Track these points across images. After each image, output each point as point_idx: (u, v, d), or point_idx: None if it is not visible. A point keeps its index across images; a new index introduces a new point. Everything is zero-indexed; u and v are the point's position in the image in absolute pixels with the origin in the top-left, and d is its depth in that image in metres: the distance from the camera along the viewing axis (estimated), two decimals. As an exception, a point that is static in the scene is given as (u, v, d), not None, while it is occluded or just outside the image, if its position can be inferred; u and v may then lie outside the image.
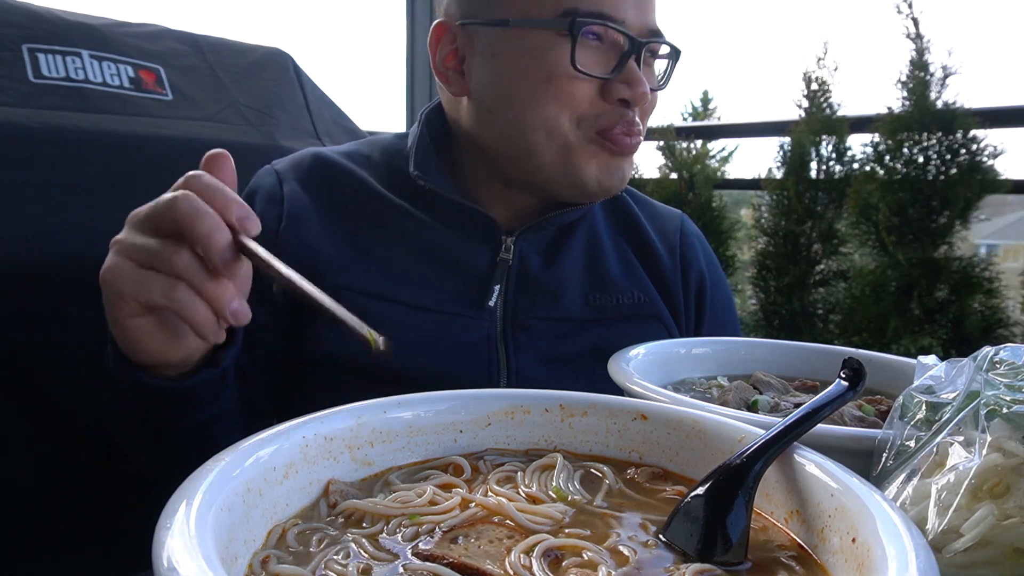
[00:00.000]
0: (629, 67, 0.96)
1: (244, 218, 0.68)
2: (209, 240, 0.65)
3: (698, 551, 0.50)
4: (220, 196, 0.68)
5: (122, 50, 1.27)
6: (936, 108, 2.31)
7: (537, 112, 0.97)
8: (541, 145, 0.99)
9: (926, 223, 2.32)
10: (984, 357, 0.60)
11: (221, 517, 0.45)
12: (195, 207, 0.66)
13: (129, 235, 0.70)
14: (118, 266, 0.69)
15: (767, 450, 0.54)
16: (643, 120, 1.02)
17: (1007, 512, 0.50)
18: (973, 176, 2.27)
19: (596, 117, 0.97)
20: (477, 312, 1.02)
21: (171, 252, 0.67)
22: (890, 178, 2.39)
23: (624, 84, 0.96)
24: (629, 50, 0.96)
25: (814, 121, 2.67)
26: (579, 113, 0.97)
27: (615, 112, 0.97)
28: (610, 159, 1.00)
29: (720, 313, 1.20)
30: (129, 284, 0.69)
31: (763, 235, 2.81)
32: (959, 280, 2.28)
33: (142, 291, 0.68)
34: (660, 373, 0.92)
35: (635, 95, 0.96)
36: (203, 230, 0.65)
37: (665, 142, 3.10)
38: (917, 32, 2.37)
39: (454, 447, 0.65)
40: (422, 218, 1.04)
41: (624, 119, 0.97)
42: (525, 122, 0.99)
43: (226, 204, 0.67)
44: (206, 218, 0.66)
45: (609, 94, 0.97)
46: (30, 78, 1.15)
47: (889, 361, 0.94)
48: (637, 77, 0.96)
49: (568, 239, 1.10)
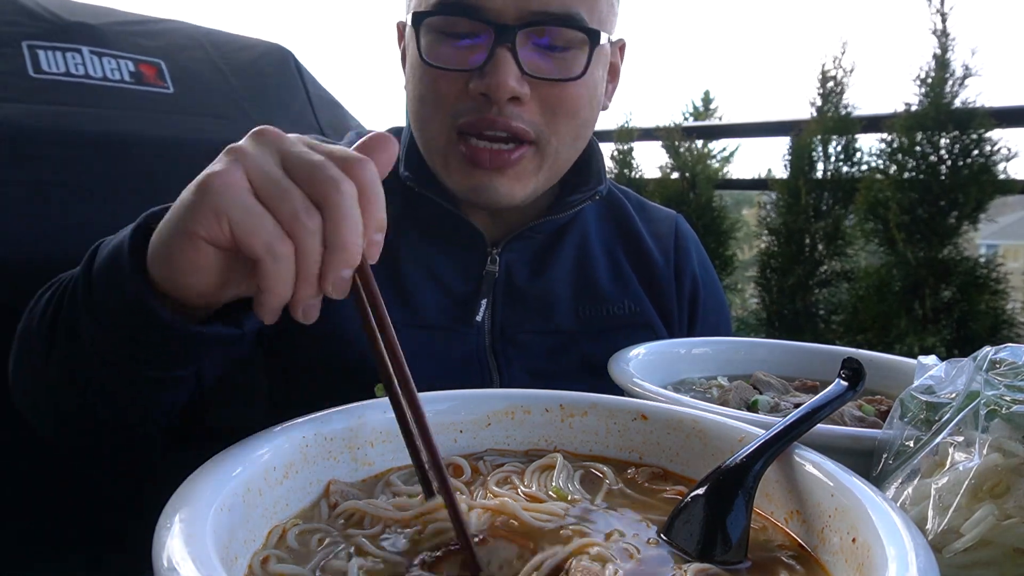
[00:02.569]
0: (491, 57, 0.87)
1: (377, 244, 0.58)
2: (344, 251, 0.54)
3: (698, 551, 0.50)
4: (373, 206, 0.56)
5: (122, 45, 1.27)
6: (953, 107, 2.30)
7: (415, 108, 0.96)
8: (424, 143, 0.98)
9: (935, 223, 2.32)
10: (984, 357, 0.60)
11: (221, 517, 0.45)
12: (350, 207, 0.54)
13: (259, 152, 0.56)
14: (233, 179, 0.54)
15: (767, 450, 0.54)
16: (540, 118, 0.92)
17: (1007, 512, 0.50)
18: (984, 177, 2.26)
19: (458, 115, 0.91)
20: (465, 327, 0.99)
21: (304, 207, 0.54)
22: (901, 176, 2.38)
23: (482, 76, 0.88)
24: (495, 39, 0.87)
25: (826, 120, 2.66)
26: (444, 111, 0.92)
27: (476, 107, 0.90)
28: (474, 173, 0.93)
29: (712, 316, 1.18)
30: (237, 205, 0.54)
31: (768, 234, 2.81)
32: (966, 280, 2.27)
33: (247, 222, 0.53)
34: (660, 373, 0.92)
35: (490, 86, 0.87)
36: (345, 237, 0.54)
37: (671, 142, 3.10)
38: (943, 28, 2.34)
39: (454, 447, 0.65)
40: (411, 228, 1.01)
41: (484, 116, 0.89)
42: (413, 119, 0.98)
43: (374, 216, 0.56)
44: (354, 226, 0.54)
45: (472, 89, 0.89)
46: (30, 74, 1.14)
47: (889, 361, 0.94)
48: (494, 67, 0.87)
49: (556, 247, 1.06)
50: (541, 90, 0.90)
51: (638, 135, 3.32)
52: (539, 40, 0.89)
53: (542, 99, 0.91)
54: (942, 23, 2.35)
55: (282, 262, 0.54)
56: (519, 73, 0.88)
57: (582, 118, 0.96)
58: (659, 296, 1.10)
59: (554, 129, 0.93)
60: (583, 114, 0.96)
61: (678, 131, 3.13)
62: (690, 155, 3.10)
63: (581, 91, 0.93)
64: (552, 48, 0.90)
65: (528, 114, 0.91)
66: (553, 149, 0.95)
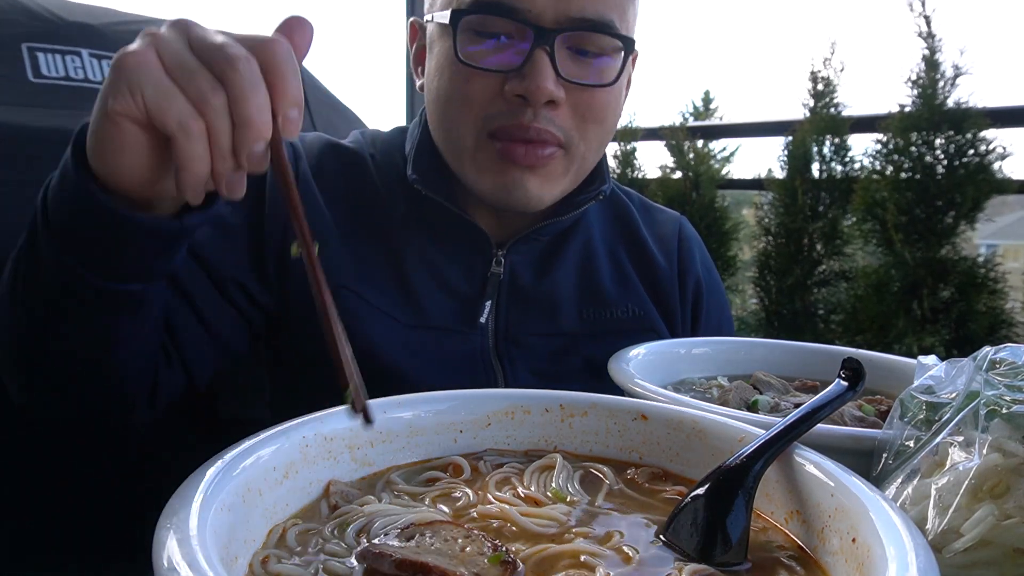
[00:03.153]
0: (529, 59, 0.87)
1: (292, 120, 0.59)
2: (249, 127, 0.56)
3: (698, 551, 0.50)
4: (282, 82, 0.58)
5: (122, 47, 1.27)
6: (946, 108, 2.30)
7: (442, 109, 0.94)
8: (447, 144, 0.97)
9: (932, 222, 2.32)
10: (984, 357, 0.60)
11: (221, 517, 0.45)
12: (250, 83, 0.56)
13: (172, 36, 0.59)
14: (147, 58, 0.58)
15: (767, 450, 0.54)
16: (572, 124, 0.92)
17: (1007, 512, 0.50)
18: (980, 176, 2.26)
19: (492, 117, 0.90)
20: (469, 328, 0.99)
21: (210, 86, 0.56)
22: (897, 176, 2.38)
23: (520, 78, 0.88)
24: (533, 41, 0.87)
25: (818, 120, 2.66)
26: (476, 111, 0.91)
27: (510, 112, 0.89)
28: (507, 170, 0.92)
29: (714, 318, 1.18)
30: (149, 83, 0.57)
31: (766, 235, 2.81)
32: (964, 280, 2.27)
33: (159, 98, 0.57)
34: (660, 373, 0.92)
35: (529, 88, 0.87)
36: (248, 113, 0.56)
37: (675, 142, 3.09)
38: (929, 31, 2.36)
39: (454, 447, 0.65)
40: (417, 229, 1.01)
41: (519, 121, 0.89)
42: (437, 119, 0.97)
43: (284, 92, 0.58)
44: (256, 102, 0.56)
45: (508, 90, 0.89)
46: (29, 78, 1.14)
47: (889, 361, 0.94)
48: (533, 69, 0.87)
49: (561, 249, 1.06)
50: (573, 95, 0.91)
51: (642, 135, 3.32)
52: (575, 45, 0.90)
53: (574, 104, 0.92)
54: (927, 26, 2.36)
55: (194, 138, 0.57)
56: (556, 77, 0.88)
57: (609, 125, 0.98)
58: (662, 299, 1.10)
59: (583, 135, 0.94)
60: (610, 121, 0.97)
61: (683, 130, 3.12)
62: (693, 155, 3.09)
63: (610, 98, 0.94)
64: (585, 54, 0.91)
65: (560, 119, 0.91)
66: (581, 154, 0.95)
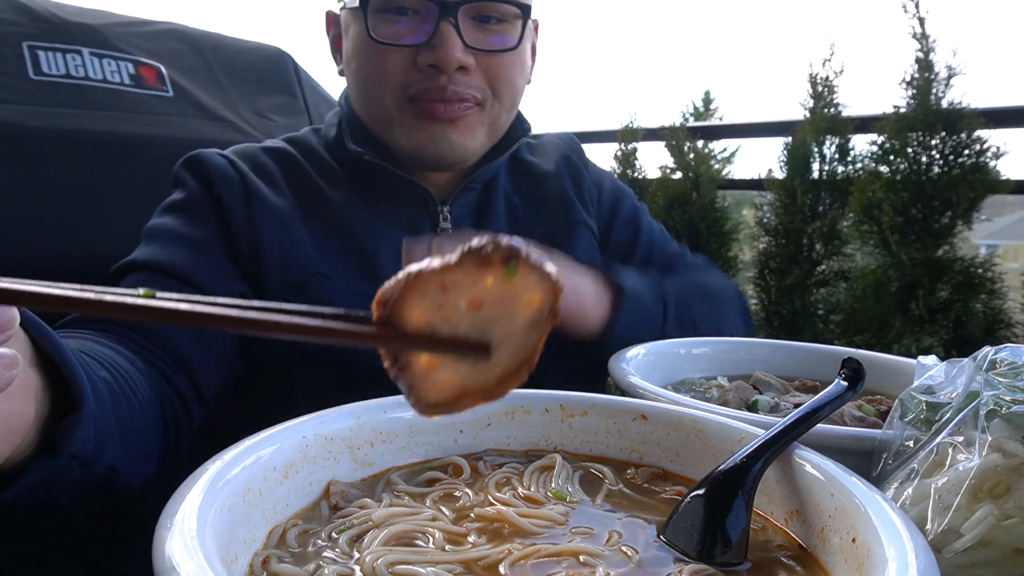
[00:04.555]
0: (437, 32, 0.97)
1: None
2: None
3: (698, 551, 0.50)
4: None
5: (122, 47, 1.27)
6: (941, 108, 2.31)
7: (362, 86, 1.03)
8: (372, 118, 1.05)
9: (929, 223, 2.32)
10: (984, 357, 0.60)
11: (221, 517, 0.45)
12: None
13: None
14: None
15: (767, 450, 0.54)
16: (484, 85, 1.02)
17: (1007, 512, 0.50)
18: (976, 176, 2.27)
19: (410, 85, 0.99)
20: None
21: None
22: (894, 177, 2.39)
23: (430, 49, 0.97)
24: (439, 15, 0.96)
25: (818, 121, 2.66)
26: (394, 84, 0.99)
27: (425, 79, 0.98)
28: (429, 126, 1.01)
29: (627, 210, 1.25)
30: None
31: (766, 235, 2.81)
32: (962, 280, 2.27)
33: None
34: (660, 373, 0.92)
35: (439, 57, 0.96)
36: None
37: (675, 142, 3.08)
38: (923, 32, 2.37)
39: (454, 447, 0.65)
40: (363, 205, 1.06)
41: (435, 84, 0.98)
42: (360, 96, 1.06)
43: None
44: None
45: (420, 62, 0.98)
46: (30, 75, 1.15)
47: (889, 361, 0.94)
48: (441, 40, 0.96)
49: (492, 194, 1.14)
50: (483, 61, 1.01)
51: (642, 135, 3.32)
52: (478, 14, 1.00)
53: (484, 68, 1.01)
54: (921, 27, 2.37)
55: None
56: (463, 45, 0.97)
57: (519, 86, 1.08)
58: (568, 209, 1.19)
59: (497, 95, 1.04)
60: (519, 82, 1.07)
61: (683, 131, 3.11)
62: (693, 155, 3.08)
63: (516, 60, 1.05)
64: (488, 20, 1.01)
65: (474, 81, 1.01)
66: (495, 112, 1.05)
